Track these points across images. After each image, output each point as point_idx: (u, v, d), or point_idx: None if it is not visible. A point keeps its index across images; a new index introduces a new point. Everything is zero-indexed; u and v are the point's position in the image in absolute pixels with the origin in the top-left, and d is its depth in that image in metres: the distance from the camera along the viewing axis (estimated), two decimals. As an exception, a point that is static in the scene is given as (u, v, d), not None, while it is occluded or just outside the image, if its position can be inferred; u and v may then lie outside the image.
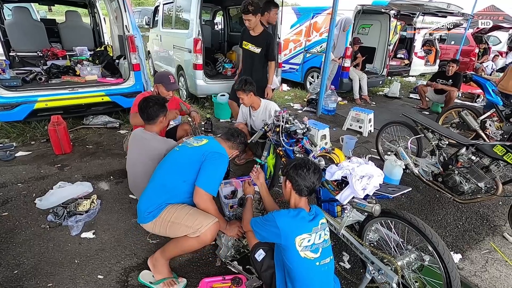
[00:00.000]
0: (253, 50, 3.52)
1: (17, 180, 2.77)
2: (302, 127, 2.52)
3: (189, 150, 1.82)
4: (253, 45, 3.51)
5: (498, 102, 3.94)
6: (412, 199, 2.85)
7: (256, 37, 3.47)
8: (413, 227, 1.56)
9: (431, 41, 9.10)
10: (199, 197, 1.71)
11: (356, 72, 6.04)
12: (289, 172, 1.53)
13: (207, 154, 1.77)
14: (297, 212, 1.47)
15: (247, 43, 3.54)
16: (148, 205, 1.75)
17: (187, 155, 1.81)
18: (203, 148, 1.81)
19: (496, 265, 2.14)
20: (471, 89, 6.51)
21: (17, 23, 4.87)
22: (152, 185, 1.81)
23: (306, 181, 1.48)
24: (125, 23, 3.72)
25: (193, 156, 1.78)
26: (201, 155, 1.77)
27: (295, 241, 1.39)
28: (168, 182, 1.78)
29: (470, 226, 2.53)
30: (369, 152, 3.80)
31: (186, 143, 1.90)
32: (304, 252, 1.39)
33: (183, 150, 1.85)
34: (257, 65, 3.58)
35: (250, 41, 3.51)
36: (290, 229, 1.41)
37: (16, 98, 3.34)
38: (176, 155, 1.86)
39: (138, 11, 14.95)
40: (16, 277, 1.78)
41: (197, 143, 1.86)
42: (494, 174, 2.42)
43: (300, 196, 1.53)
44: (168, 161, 1.86)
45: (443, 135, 2.77)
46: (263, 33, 3.47)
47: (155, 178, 1.83)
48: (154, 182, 1.82)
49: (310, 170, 1.49)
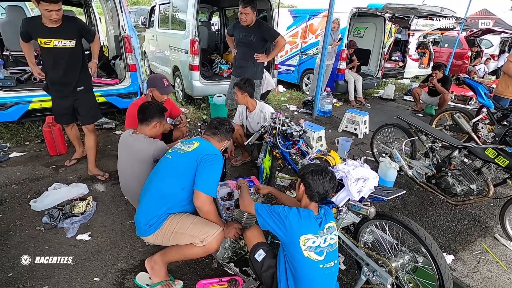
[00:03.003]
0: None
1: (11, 181, 2.74)
2: (299, 129, 2.54)
3: (182, 157, 1.78)
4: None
5: (490, 105, 4.01)
6: (406, 201, 2.89)
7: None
8: (407, 229, 1.59)
9: (425, 44, 9.23)
10: (201, 201, 1.69)
11: (352, 74, 6.10)
12: (305, 176, 1.53)
13: (201, 157, 1.74)
14: (307, 212, 1.49)
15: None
16: (148, 218, 1.70)
17: (182, 162, 1.77)
18: (197, 152, 1.78)
19: (488, 265, 2.18)
20: (464, 91, 6.62)
21: (10, 22, 4.80)
22: (150, 196, 1.75)
23: (319, 189, 1.49)
24: (121, 24, 3.70)
25: (188, 162, 1.76)
26: (195, 160, 1.74)
27: (300, 239, 1.40)
28: (167, 191, 1.74)
29: (462, 227, 2.58)
30: (364, 154, 3.84)
31: (176, 149, 1.85)
32: (307, 252, 1.40)
33: (176, 157, 1.81)
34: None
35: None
36: (297, 227, 1.43)
37: (10, 98, 3.30)
38: (171, 163, 1.81)
39: (134, 11, 14.84)
40: (11, 280, 1.77)
41: (188, 148, 1.82)
42: (486, 176, 2.47)
43: (311, 201, 1.54)
44: (163, 169, 1.81)
45: (436, 137, 2.82)
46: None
47: (150, 189, 1.77)
48: (151, 192, 1.76)
49: (326, 178, 1.50)
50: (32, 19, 2.52)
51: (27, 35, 2.48)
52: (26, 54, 2.66)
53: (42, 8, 2.27)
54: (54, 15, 2.30)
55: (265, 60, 3.55)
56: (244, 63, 3.53)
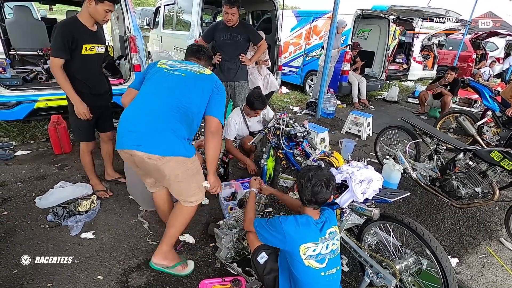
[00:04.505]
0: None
1: (17, 179, 2.77)
2: (302, 131, 2.54)
3: (200, 78, 1.69)
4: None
5: (495, 108, 3.99)
6: (410, 203, 2.88)
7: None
8: (411, 231, 1.58)
9: (429, 46, 9.20)
10: (216, 127, 1.67)
11: (355, 76, 6.09)
12: (300, 181, 1.48)
13: (217, 85, 1.72)
14: (305, 219, 1.44)
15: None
16: (180, 128, 1.56)
17: (201, 83, 1.67)
18: (214, 78, 1.74)
19: (493, 269, 2.16)
20: (469, 94, 6.58)
21: (17, 22, 4.85)
22: (169, 108, 1.57)
23: (312, 195, 1.43)
24: (126, 24, 3.73)
25: (208, 85, 1.68)
26: (213, 85, 1.70)
27: (299, 249, 1.37)
28: (189, 112, 1.62)
29: (467, 230, 2.56)
30: (368, 156, 3.83)
31: (180, 67, 1.71)
32: (308, 260, 1.37)
33: (191, 76, 1.67)
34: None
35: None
36: (295, 237, 1.39)
37: (16, 97, 3.33)
38: (186, 81, 1.65)
39: (139, 12, 14.95)
40: (16, 277, 1.78)
41: (200, 70, 1.73)
42: (491, 180, 2.45)
43: (307, 206, 1.50)
44: (177, 83, 1.64)
45: (441, 140, 2.80)
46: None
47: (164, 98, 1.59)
48: (169, 102, 1.58)
49: (322, 184, 1.42)
50: (75, 22, 2.11)
51: (73, 44, 2.04)
52: (64, 84, 2.11)
53: (102, 8, 2.03)
54: (109, 16, 2.11)
55: (249, 64, 3.51)
56: (232, 65, 3.40)
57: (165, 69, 1.70)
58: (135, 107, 1.63)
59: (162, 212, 2.11)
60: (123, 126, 1.60)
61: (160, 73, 1.70)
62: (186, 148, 1.61)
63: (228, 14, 3.13)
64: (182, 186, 1.70)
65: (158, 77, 1.69)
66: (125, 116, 1.62)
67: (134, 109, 1.62)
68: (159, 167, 1.57)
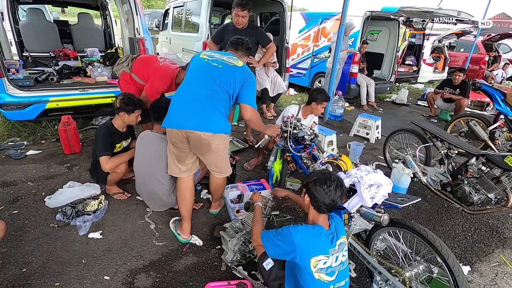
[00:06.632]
0: None
1: (27, 178, 2.82)
2: (310, 133, 2.52)
3: (234, 69, 1.96)
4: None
5: (507, 113, 3.88)
6: (420, 209, 2.82)
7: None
8: (422, 238, 1.54)
9: (440, 48, 9.03)
10: (252, 112, 2.01)
11: (364, 78, 6.02)
12: (308, 186, 1.43)
13: (248, 75, 1.99)
14: (317, 230, 1.39)
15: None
16: (222, 110, 1.89)
17: (235, 74, 1.94)
18: (245, 69, 2.02)
19: (506, 278, 2.09)
20: (481, 97, 6.44)
21: (31, 24, 4.97)
22: (213, 93, 1.87)
23: (325, 199, 1.38)
24: (136, 26, 3.78)
25: (240, 75, 1.96)
26: (245, 75, 1.98)
27: (311, 261, 1.33)
28: (227, 96, 1.92)
29: (479, 237, 2.49)
30: (376, 159, 3.77)
31: (217, 58, 1.98)
32: (318, 274, 1.34)
33: (227, 67, 1.95)
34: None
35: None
36: (307, 248, 1.34)
37: (28, 98, 3.40)
38: (222, 72, 1.92)
39: (148, 14, 15.14)
40: (25, 276, 1.80)
41: (234, 62, 2.00)
42: (505, 185, 2.38)
43: (319, 213, 1.46)
44: (213, 74, 1.91)
45: (452, 144, 2.74)
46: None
47: (204, 88, 1.89)
48: (213, 91, 1.88)
49: (332, 187, 1.38)
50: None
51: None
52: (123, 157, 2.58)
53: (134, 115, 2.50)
54: (139, 118, 2.55)
55: (257, 66, 3.50)
56: None
57: (205, 60, 1.99)
58: (186, 93, 1.93)
59: (184, 199, 2.13)
60: (177, 109, 1.90)
61: (201, 63, 1.99)
62: (228, 127, 1.98)
63: (239, 17, 3.14)
64: (221, 159, 2.05)
65: (200, 68, 1.98)
66: (177, 101, 1.93)
67: (186, 95, 1.92)
68: (210, 142, 1.88)
